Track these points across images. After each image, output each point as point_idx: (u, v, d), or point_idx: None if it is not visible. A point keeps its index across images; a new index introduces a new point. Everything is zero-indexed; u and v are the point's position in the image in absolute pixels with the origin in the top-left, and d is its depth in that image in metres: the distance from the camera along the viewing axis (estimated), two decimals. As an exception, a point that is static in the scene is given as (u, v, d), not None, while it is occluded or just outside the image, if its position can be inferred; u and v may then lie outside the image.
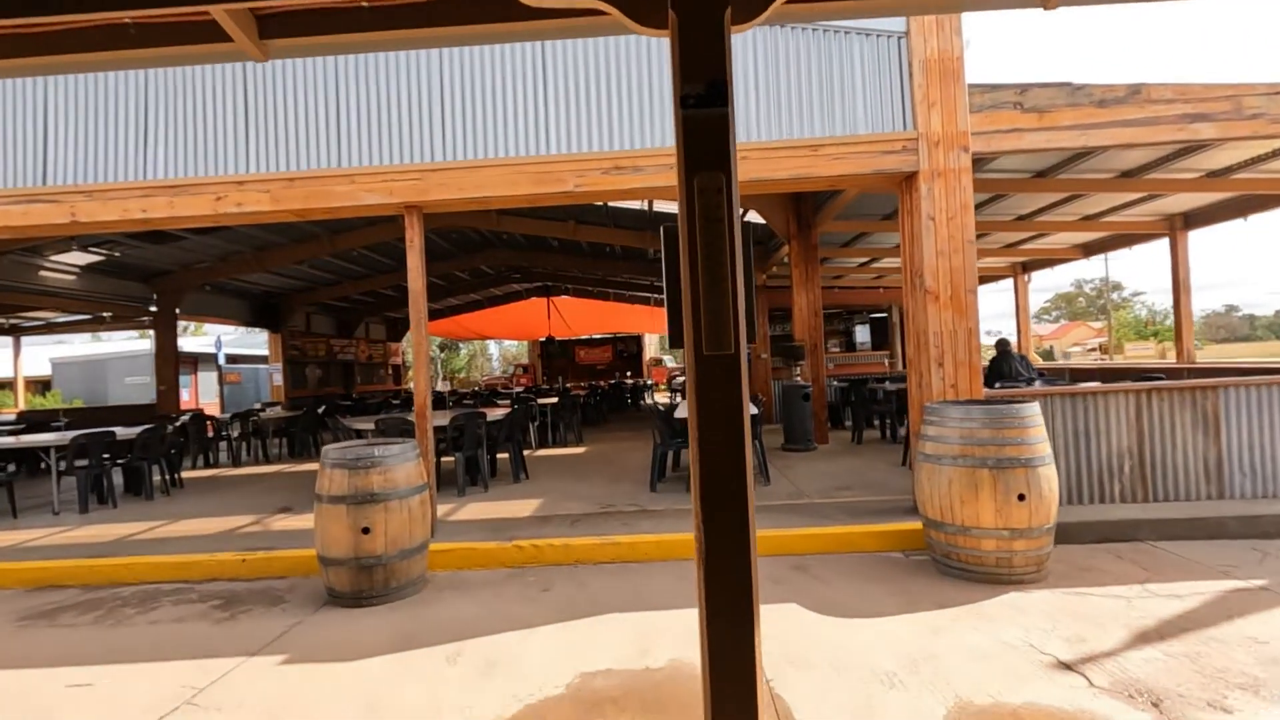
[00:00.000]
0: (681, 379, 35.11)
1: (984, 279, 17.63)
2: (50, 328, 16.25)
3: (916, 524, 5.09)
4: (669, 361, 39.23)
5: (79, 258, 12.40)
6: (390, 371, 27.77)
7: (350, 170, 5.34)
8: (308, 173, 5.34)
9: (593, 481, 7.72)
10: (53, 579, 5.14)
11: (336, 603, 4.42)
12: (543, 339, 38.31)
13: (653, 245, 14.74)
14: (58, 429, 12.25)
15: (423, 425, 5.47)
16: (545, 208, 13.37)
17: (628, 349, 38.17)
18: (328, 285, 19.04)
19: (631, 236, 14.68)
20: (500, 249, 18.83)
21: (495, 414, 7.94)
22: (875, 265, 15.55)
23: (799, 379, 9.42)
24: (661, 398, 29.59)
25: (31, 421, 13.17)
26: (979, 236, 11.30)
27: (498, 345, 47.22)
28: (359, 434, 7.48)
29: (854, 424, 9.82)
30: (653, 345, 41.45)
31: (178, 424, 8.98)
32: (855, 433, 9.72)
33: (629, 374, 33.53)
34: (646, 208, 12.06)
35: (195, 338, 32.20)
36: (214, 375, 22.50)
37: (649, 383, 29.39)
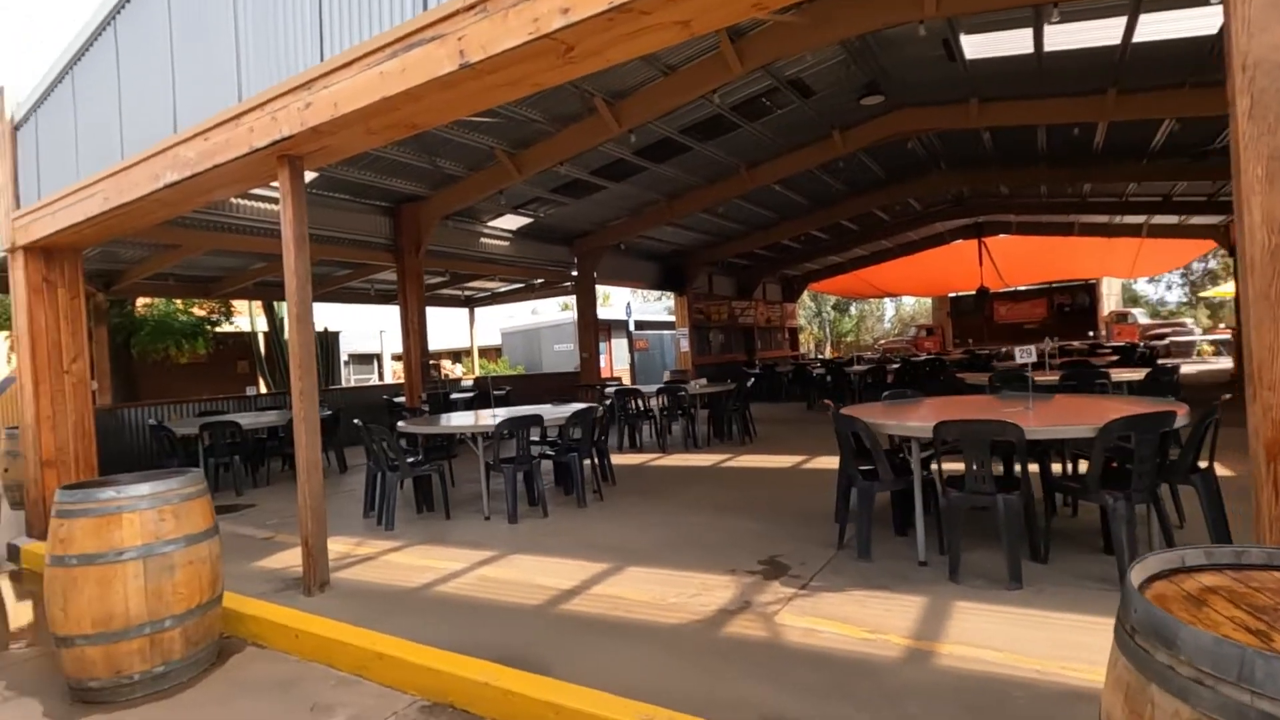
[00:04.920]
0: (1172, 338, 25.06)
1: None
2: (495, 298, 17.31)
3: None
4: (1140, 316, 28.89)
5: (511, 221, 12.01)
6: (787, 336, 25.32)
7: None
8: None
9: None
10: (456, 696, 2.93)
11: None
12: (953, 294, 32.06)
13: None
14: (499, 397, 12.24)
15: None
16: (1069, 73, 8.49)
17: (1074, 301, 29.39)
18: (733, 239, 16.94)
19: (1207, 99, 8.70)
20: (936, 175, 14.23)
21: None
22: None
23: None
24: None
25: (481, 389, 13.72)
26: None
27: (893, 304, 41.73)
28: (895, 454, 4.18)
29: None
30: (1113, 296, 31.32)
31: (607, 403, 7.04)
32: None
33: (1090, 333, 25.31)
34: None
35: (602, 308, 34.46)
36: (624, 343, 22.76)
37: (1142, 346, 21.17)
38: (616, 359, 23.09)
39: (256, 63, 3.94)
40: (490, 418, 6.51)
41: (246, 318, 15.60)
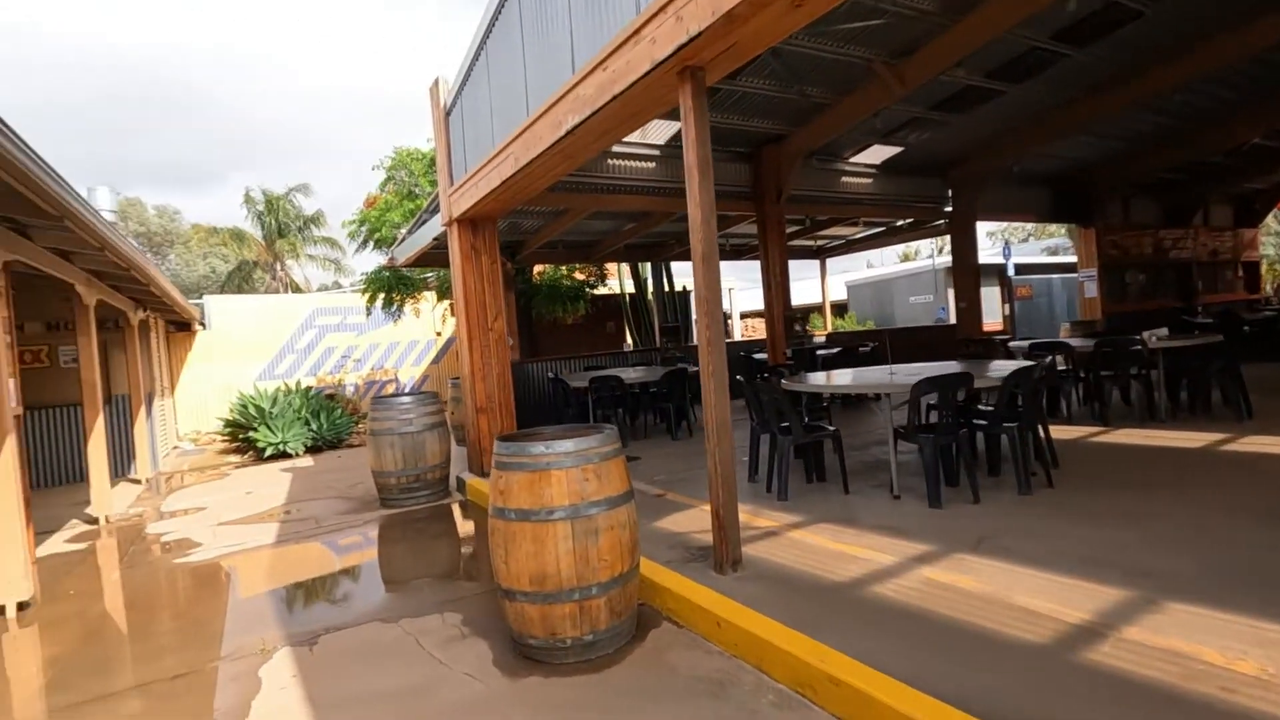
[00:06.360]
0: None
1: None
2: (848, 246, 15.95)
3: None
4: None
5: (875, 154, 10.54)
6: (1241, 273, 18.74)
7: None
8: None
9: None
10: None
11: None
12: None
13: None
14: (864, 352, 11.05)
15: None
16: None
17: None
18: (1166, 144, 12.69)
19: None
20: None
21: None
22: None
23: None
24: None
25: (841, 345, 12.69)
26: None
27: None
28: None
29: None
30: None
31: (1048, 360, 5.43)
32: None
33: None
34: None
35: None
36: (995, 290, 19.37)
37: None
38: (987, 310, 19.77)
39: (657, -42, 3.42)
40: (887, 375, 5.48)
41: (616, 280, 16.94)
